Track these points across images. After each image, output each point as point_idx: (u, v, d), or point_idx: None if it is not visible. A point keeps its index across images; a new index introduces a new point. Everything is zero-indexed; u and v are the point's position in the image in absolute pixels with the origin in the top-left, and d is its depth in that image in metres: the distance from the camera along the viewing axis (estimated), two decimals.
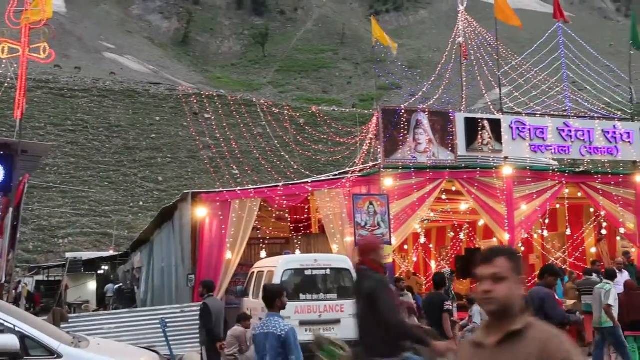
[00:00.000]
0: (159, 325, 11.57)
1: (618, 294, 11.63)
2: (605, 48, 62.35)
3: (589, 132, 16.86)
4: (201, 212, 13.84)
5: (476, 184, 15.34)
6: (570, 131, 16.68)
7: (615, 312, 10.62)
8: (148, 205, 51.81)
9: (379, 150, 14.90)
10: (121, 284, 28.49)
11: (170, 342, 11.71)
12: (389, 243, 14.35)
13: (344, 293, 11.48)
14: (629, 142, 17.27)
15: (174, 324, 12.61)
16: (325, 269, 11.55)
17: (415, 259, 24.63)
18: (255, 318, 11.67)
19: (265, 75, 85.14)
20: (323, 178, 16.89)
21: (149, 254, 20.55)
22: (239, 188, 14.99)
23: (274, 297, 6.16)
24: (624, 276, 13.22)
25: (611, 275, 11.56)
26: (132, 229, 45.61)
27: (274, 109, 18.08)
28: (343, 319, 11.16)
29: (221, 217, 13.94)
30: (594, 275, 13.86)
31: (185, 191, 15.21)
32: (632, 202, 16.95)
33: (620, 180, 16.94)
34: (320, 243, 16.03)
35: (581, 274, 16.34)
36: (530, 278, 16.75)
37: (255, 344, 6.03)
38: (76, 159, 58.67)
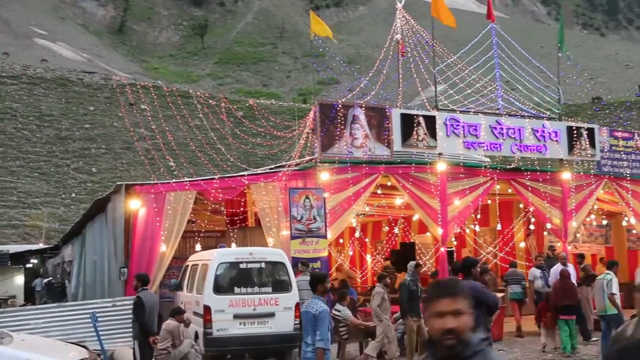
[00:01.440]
0: (90, 320, 11.33)
1: (554, 282, 13.56)
2: (536, 50, 64.27)
3: (519, 130, 17.37)
4: (135, 204, 13.59)
5: (411, 179, 15.59)
6: (502, 129, 17.14)
7: (618, 300, 11.56)
8: (81, 197, 50.44)
9: (315, 144, 14.96)
10: (51, 278, 27.67)
11: (102, 337, 11.47)
12: (325, 237, 14.45)
13: (279, 286, 11.52)
14: (557, 140, 17.89)
15: (106, 318, 12.36)
16: (260, 262, 11.56)
17: (351, 253, 24.86)
18: (189, 311, 11.58)
19: (204, 67, 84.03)
20: (260, 171, 16.85)
21: (80, 246, 20.02)
22: (174, 180, 14.79)
23: (316, 283, 7.45)
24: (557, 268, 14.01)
25: (610, 266, 12.49)
26: (64, 221, 44.33)
27: (210, 101, 17.86)
28: (277, 313, 11.20)
29: (155, 210, 13.72)
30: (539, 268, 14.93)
31: (118, 183, 14.90)
32: (559, 199, 17.57)
33: (548, 177, 17.52)
34: (256, 236, 15.99)
35: (507, 266, 18.01)
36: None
37: (302, 319, 7.61)
38: (4, 149, 56.58)
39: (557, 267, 14.48)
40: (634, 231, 20.82)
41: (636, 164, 19.53)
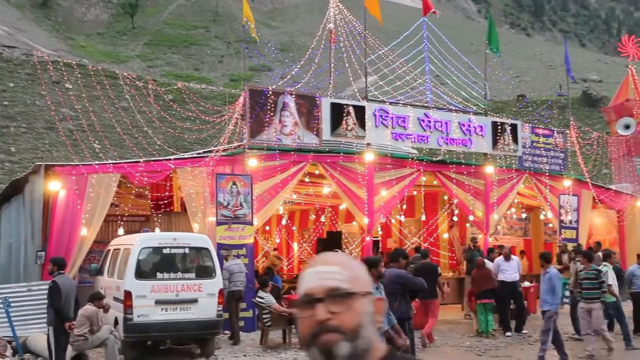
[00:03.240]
0: (1, 305, 10.89)
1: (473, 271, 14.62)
2: (466, 46, 65.69)
3: (446, 123, 17.73)
4: (54, 186, 13.10)
5: (339, 168, 15.67)
6: (429, 122, 17.45)
7: (615, 289, 12.57)
8: None
9: (244, 130, 14.82)
10: None
11: (15, 323, 11.06)
12: (251, 224, 14.38)
13: (203, 272, 11.38)
14: (482, 135, 18.37)
15: (19, 303, 11.91)
16: (184, 247, 11.38)
17: (278, 241, 24.85)
18: (109, 297, 11.29)
19: (134, 47, 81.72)
20: (187, 156, 16.58)
21: None
22: (96, 162, 14.35)
23: (370, 267, 7.27)
24: (511, 264, 14.63)
25: (606, 257, 13.33)
26: None
27: (138, 83, 17.40)
28: (200, 299, 11.07)
29: (77, 192, 13.29)
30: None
31: (37, 163, 14.33)
32: (482, 192, 18.07)
33: (472, 170, 17.99)
34: (182, 222, 15.77)
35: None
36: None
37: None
38: None
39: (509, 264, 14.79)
40: (550, 225, 21.66)
41: (555, 160, 20.30)
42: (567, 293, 14.50)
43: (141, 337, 10.86)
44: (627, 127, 23.76)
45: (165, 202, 16.10)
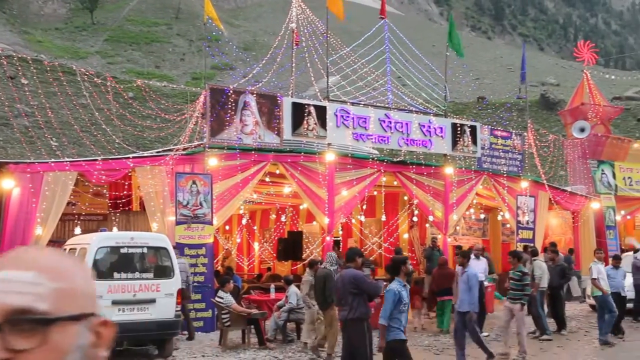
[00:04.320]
0: None
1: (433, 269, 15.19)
2: (428, 48, 66.36)
3: (407, 124, 17.87)
4: (8, 183, 12.80)
5: (299, 168, 15.67)
6: (390, 122, 17.57)
7: (604, 284, 12.81)
8: None
9: (205, 129, 14.71)
10: None
11: None
12: (211, 223, 14.28)
13: (161, 272, 11.25)
14: (442, 136, 18.57)
15: None
16: (142, 247, 11.22)
17: (239, 240, 24.72)
18: None
19: (93, 43, 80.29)
20: (146, 154, 16.38)
21: None
22: (53, 160, 14.07)
23: (398, 266, 7.93)
24: (479, 263, 14.69)
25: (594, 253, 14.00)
26: None
27: (95, 79, 17.09)
28: (159, 299, 10.94)
29: (32, 190, 13.00)
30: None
31: None
32: (441, 192, 18.27)
33: (432, 171, 18.16)
34: (140, 221, 15.58)
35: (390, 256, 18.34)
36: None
37: (386, 298, 7.74)
38: None
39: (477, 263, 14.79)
40: (508, 225, 22.01)
41: (512, 162, 20.64)
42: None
43: None
44: (582, 130, 24.28)
45: (123, 201, 15.88)
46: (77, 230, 14.91)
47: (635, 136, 42.72)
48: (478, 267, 14.61)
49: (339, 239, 20.58)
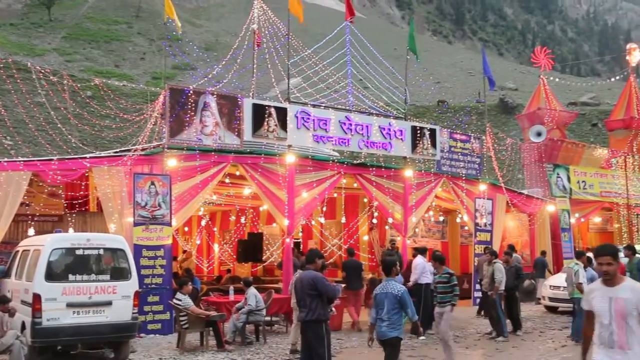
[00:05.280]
0: None
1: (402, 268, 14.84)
2: (390, 51, 66.86)
3: (367, 127, 17.97)
4: None
5: (260, 170, 15.62)
6: (350, 125, 17.64)
7: (586, 287, 12.56)
8: None
9: (164, 129, 14.56)
10: None
11: None
12: (169, 224, 14.13)
13: (118, 274, 11.09)
14: (401, 139, 18.72)
15: None
16: (99, 248, 11.03)
17: (198, 242, 24.51)
18: (17, 300, 10.83)
19: (50, 40, 78.57)
20: (103, 154, 16.13)
21: None
22: (5, 159, 13.74)
23: (390, 267, 8.42)
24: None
25: (579, 256, 13.80)
26: None
27: (52, 78, 16.74)
28: (115, 301, 10.78)
29: None
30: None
31: None
32: (401, 195, 18.41)
33: (392, 174, 18.30)
34: (97, 222, 15.33)
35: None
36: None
37: (376, 301, 8.21)
38: None
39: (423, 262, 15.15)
40: (466, 227, 22.32)
41: (471, 165, 20.93)
42: None
43: (50, 342, 10.46)
44: (538, 134, 24.76)
45: (80, 201, 15.58)
46: (31, 231, 14.60)
47: (590, 141, 43.80)
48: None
49: (299, 240, 20.59)
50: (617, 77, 36.22)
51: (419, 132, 19.16)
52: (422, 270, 14.61)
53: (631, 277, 14.39)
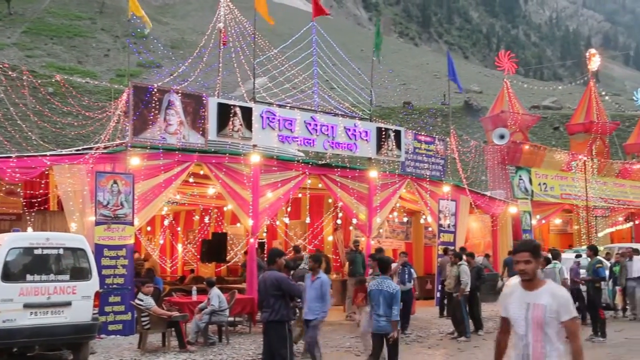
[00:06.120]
0: None
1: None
2: (357, 52, 67.11)
3: (332, 127, 18.00)
4: None
5: (224, 169, 15.51)
6: (316, 125, 17.65)
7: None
8: None
9: (127, 127, 14.37)
10: None
11: None
12: (132, 224, 13.95)
13: (78, 274, 10.89)
14: (367, 140, 18.80)
15: None
16: (58, 248, 10.81)
17: (162, 242, 24.26)
18: None
19: (10, 35, 76.72)
20: (65, 152, 15.85)
21: None
22: None
23: (387, 265, 9.46)
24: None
25: (555, 256, 14.65)
26: None
27: (10, 73, 16.39)
28: (75, 301, 10.59)
29: None
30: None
31: None
32: (365, 196, 18.49)
33: (357, 174, 18.36)
34: (58, 221, 15.04)
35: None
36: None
37: (370, 297, 8.98)
38: None
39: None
40: (430, 228, 22.51)
41: (435, 166, 21.13)
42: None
43: (6, 344, 10.20)
44: (501, 137, 25.12)
45: (39, 200, 15.28)
46: None
47: (551, 144, 44.61)
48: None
49: (263, 241, 20.50)
50: (578, 82, 36.99)
51: (384, 133, 19.25)
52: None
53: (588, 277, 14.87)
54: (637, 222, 30.40)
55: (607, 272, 16.83)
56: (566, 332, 4.53)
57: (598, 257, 15.53)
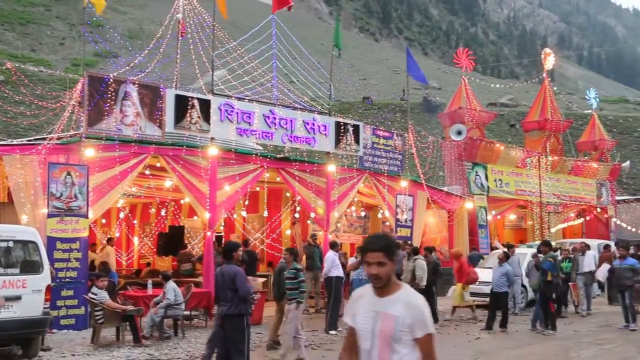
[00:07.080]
0: None
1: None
2: (317, 46, 67.18)
3: (291, 121, 17.96)
4: None
5: (181, 162, 15.34)
6: (274, 119, 17.59)
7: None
8: None
9: (82, 118, 14.08)
10: None
11: None
12: (86, 216, 13.70)
13: (29, 267, 10.66)
14: (325, 134, 18.82)
15: None
16: (8, 241, 10.56)
17: (117, 235, 23.88)
18: None
19: None
20: (15, 142, 15.47)
21: None
22: None
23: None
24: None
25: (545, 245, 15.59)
26: None
27: None
28: (25, 295, 10.36)
29: None
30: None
31: None
32: (324, 190, 18.51)
33: (315, 168, 18.36)
34: (8, 213, 14.62)
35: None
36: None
37: (352, 285, 9.02)
38: None
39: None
40: (388, 223, 22.66)
41: (393, 161, 21.28)
42: None
43: None
44: (459, 133, 25.43)
45: None
46: None
47: (507, 141, 45.33)
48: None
49: (221, 234, 20.38)
50: (534, 80, 37.68)
51: (342, 127, 19.31)
52: (332, 263, 14.53)
53: (542, 272, 15.13)
54: (587, 218, 31.21)
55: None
56: (419, 351, 3.64)
57: (552, 252, 15.87)
